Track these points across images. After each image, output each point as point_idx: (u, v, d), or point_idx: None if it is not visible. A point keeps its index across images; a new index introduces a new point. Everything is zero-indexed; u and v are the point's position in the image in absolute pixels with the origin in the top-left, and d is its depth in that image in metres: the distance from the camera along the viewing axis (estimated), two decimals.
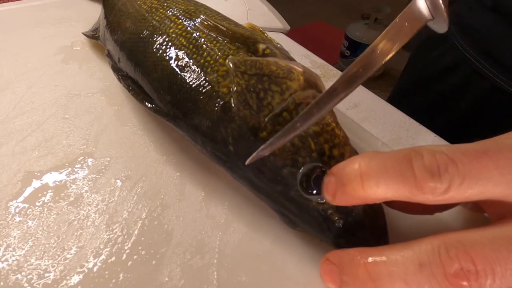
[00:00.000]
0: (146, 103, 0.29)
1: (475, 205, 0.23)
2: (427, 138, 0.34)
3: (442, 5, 0.20)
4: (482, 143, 0.18)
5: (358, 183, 0.18)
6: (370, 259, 0.18)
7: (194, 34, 0.29)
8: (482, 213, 0.24)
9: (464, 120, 0.47)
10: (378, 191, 0.18)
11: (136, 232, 0.25)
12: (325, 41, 2.01)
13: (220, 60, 0.26)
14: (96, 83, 0.38)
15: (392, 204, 0.23)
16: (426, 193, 0.17)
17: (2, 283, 0.22)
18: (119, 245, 0.24)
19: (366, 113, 0.36)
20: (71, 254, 0.24)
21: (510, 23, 0.40)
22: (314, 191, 0.21)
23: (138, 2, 0.34)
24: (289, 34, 0.50)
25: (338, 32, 1.91)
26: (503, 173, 0.17)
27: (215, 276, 0.23)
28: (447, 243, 0.17)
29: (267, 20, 0.51)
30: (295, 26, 1.04)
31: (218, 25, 0.29)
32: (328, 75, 0.41)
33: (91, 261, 0.24)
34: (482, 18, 0.44)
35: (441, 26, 0.20)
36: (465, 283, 0.16)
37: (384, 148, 0.31)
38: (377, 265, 0.18)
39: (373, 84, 1.74)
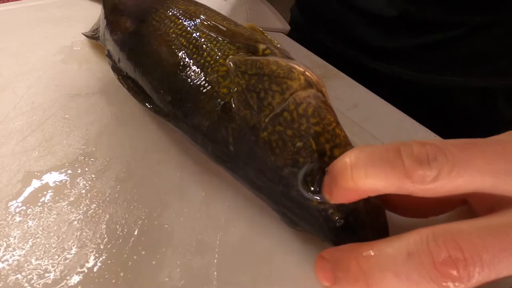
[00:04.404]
0: (146, 103, 0.29)
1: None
2: (427, 138, 0.34)
3: None
4: (472, 139, 0.19)
5: (348, 175, 0.19)
6: (362, 254, 0.18)
7: (194, 34, 0.29)
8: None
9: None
10: (367, 181, 0.18)
11: (136, 232, 0.25)
12: None
13: (220, 60, 0.26)
14: (96, 83, 0.38)
15: (386, 204, 0.23)
16: (415, 181, 0.17)
17: (2, 283, 0.22)
18: (119, 245, 0.24)
19: (366, 113, 0.36)
20: (71, 254, 0.24)
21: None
22: (315, 191, 0.21)
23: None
24: (289, 34, 0.50)
25: None
26: (489, 162, 0.18)
27: (215, 276, 0.23)
28: (435, 233, 0.17)
29: (267, 20, 0.51)
30: None
31: (218, 25, 0.29)
32: (328, 75, 0.41)
33: (91, 261, 0.23)
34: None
35: None
36: (454, 271, 0.16)
37: None
38: (369, 258, 0.18)
39: None
